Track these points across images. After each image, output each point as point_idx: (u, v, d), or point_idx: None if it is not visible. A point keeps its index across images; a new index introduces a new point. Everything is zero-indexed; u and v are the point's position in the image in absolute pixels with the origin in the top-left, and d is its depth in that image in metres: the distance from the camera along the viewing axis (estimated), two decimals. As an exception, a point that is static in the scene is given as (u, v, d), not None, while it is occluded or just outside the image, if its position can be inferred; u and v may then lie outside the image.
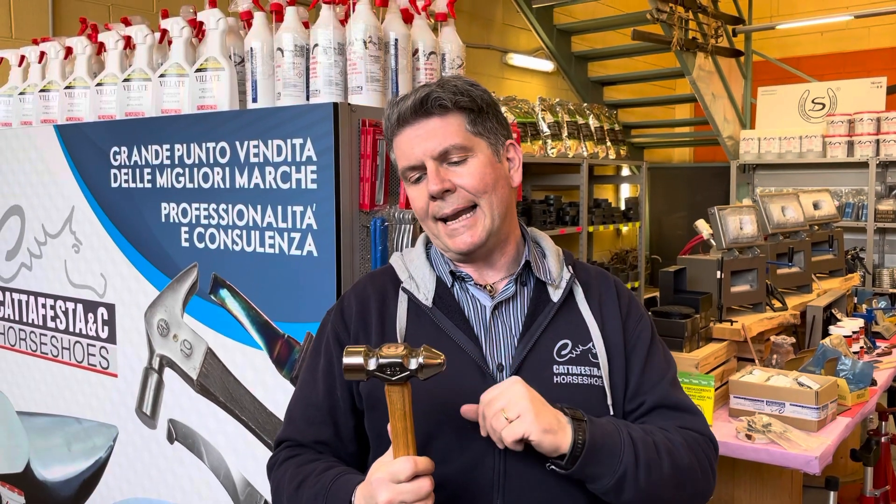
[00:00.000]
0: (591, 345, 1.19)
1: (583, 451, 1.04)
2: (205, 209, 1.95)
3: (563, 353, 1.17)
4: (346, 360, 1.02)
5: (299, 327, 1.78)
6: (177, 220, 2.02)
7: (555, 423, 1.03)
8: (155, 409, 2.13)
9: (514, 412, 1.03)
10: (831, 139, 6.05)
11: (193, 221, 1.98)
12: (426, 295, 1.21)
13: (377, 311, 1.23)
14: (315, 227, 1.74)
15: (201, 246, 1.97)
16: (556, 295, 1.21)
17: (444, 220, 1.17)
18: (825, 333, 3.50)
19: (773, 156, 6.30)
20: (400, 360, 1.01)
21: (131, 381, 2.19)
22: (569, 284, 1.22)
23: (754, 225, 3.49)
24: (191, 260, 2.00)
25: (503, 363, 1.17)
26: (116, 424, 2.25)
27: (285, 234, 1.79)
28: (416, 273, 1.24)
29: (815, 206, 4.38)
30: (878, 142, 5.87)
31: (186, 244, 2.00)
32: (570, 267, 1.26)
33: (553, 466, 1.08)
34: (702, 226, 3.56)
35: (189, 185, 1.98)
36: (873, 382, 3.10)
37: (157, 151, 2.03)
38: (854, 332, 3.57)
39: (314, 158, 1.71)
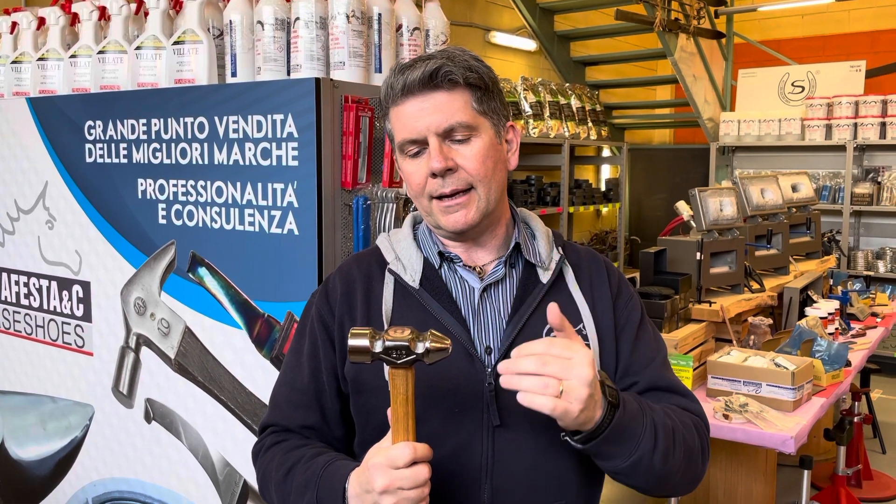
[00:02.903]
0: (581, 326, 1.18)
1: (603, 433, 1.01)
2: (183, 185, 1.91)
3: (553, 335, 1.16)
4: (352, 342, 1.00)
5: (280, 307, 1.76)
6: (154, 197, 1.98)
7: (591, 405, 0.99)
8: (132, 388, 2.10)
9: (572, 394, 0.96)
10: (810, 122, 6.08)
11: (171, 198, 1.94)
12: (413, 276, 1.19)
13: (363, 292, 1.21)
14: (296, 205, 1.71)
15: (179, 223, 1.93)
16: (545, 277, 1.20)
17: (439, 197, 1.15)
18: (801, 315, 3.53)
19: (753, 138, 6.33)
20: (406, 344, 0.99)
21: (107, 359, 2.15)
22: (558, 266, 1.21)
23: (734, 207, 3.51)
24: (168, 237, 1.96)
25: (491, 346, 1.15)
26: (92, 403, 2.22)
27: (265, 212, 1.76)
28: (402, 254, 1.22)
29: (794, 188, 4.41)
30: (855, 125, 5.92)
31: (164, 221, 1.96)
32: (559, 248, 1.24)
33: (567, 438, 1.04)
34: (682, 207, 3.58)
35: (166, 161, 1.94)
36: (848, 363, 3.14)
37: (133, 126, 1.99)
38: (830, 314, 3.61)
39: (295, 135, 1.68)
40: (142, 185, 1.99)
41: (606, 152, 7.07)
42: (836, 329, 3.67)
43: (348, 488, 1.03)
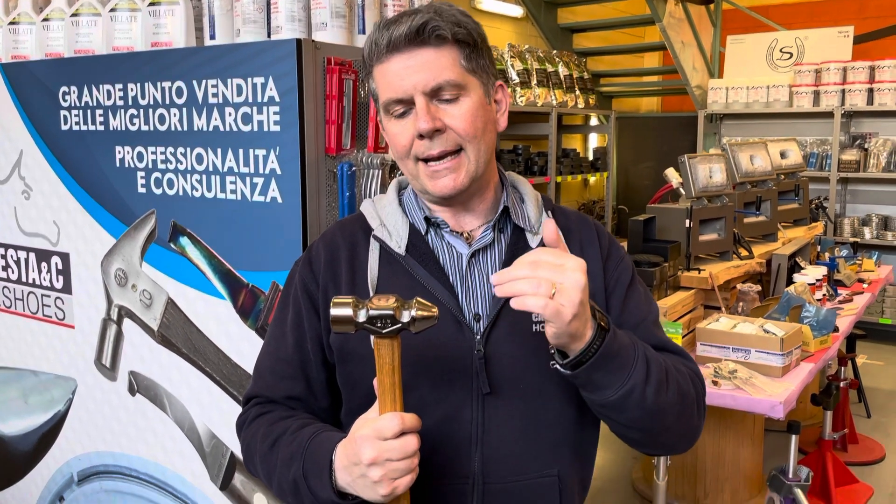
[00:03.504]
0: None
1: (593, 357, 0.98)
2: (161, 153, 1.86)
3: None
4: (334, 312, 0.96)
5: (264, 276, 1.72)
6: (132, 165, 1.92)
7: (583, 313, 0.96)
8: (115, 361, 2.06)
9: (565, 295, 0.93)
10: (798, 89, 6.05)
11: (150, 166, 1.89)
12: (399, 243, 1.15)
13: (347, 260, 1.17)
14: (279, 171, 1.66)
15: (159, 192, 1.88)
16: (534, 241, 1.16)
17: (426, 160, 1.10)
18: (789, 282, 3.54)
19: (741, 105, 6.30)
20: (391, 313, 0.95)
21: (89, 332, 2.11)
22: None
23: (724, 173, 3.49)
24: (148, 206, 1.91)
25: (480, 313, 1.12)
26: (75, 377, 2.18)
27: (247, 180, 1.72)
28: (388, 220, 1.18)
29: (783, 155, 4.40)
30: (843, 91, 5.89)
31: (143, 190, 1.91)
32: (548, 212, 1.21)
33: (557, 366, 1.01)
34: (671, 174, 3.55)
35: (144, 128, 1.88)
36: (835, 329, 3.15)
37: (109, 91, 1.92)
38: (817, 280, 3.62)
39: (277, 99, 1.63)
40: (119, 152, 1.94)
41: (594, 121, 7.02)
42: (824, 295, 3.68)
43: (335, 460, 1.00)
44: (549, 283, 0.93)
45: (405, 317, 0.95)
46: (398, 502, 0.98)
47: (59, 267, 2.15)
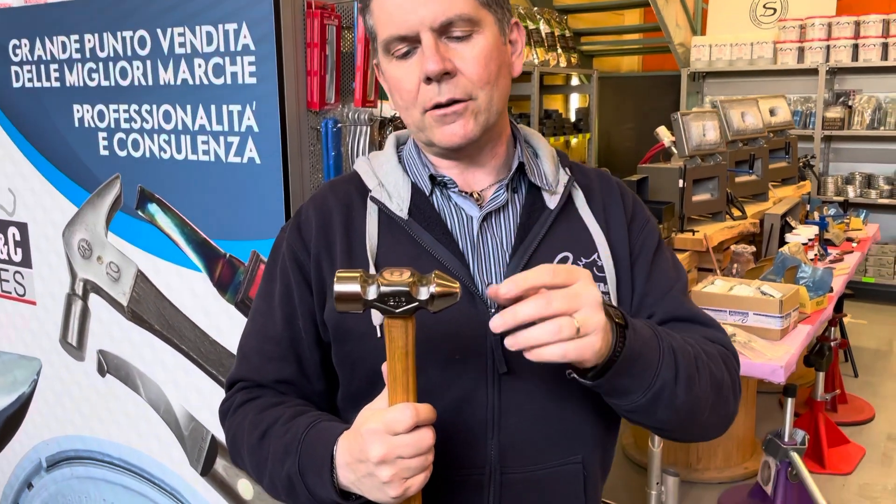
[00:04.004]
0: (595, 256, 1.02)
1: (617, 362, 0.84)
2: (125, 111, 1.69)
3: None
4: (339, 288, 0.81)
5: (243, 245, 1.57)
6: (93, 125, 1.75)
7: (608, 330, 0.83)
8: (81, 339, 1.91)
9: (590, 325, 0.79)
10: (782, 45, 5.94)
11: (112, 126, 1.72)
12: (400, 205, 1.01)
13: (342, 225, 1.02)
14: (256, 129, 1.50)
15: (123, 154, 1.71)
16: (552, 201, 1.03)
17: (433, 108, 0.95)
18: (781, 242, 3.46)
19: (724, 63, 6.17)
20: (406, 289, 0.80)
21: (52, 309, 1.95)
22: (567, 189, 1.04)
23: (717, 131, 3.37)
24: (112, 171, 1.74)
25: (494, 283, 0.98)
26: (39, 356, 2.02)
27: (221, 139, 1.56)
28: (386, 179, 1.03)
29: (772, 112, 4.29)
30: (828, 48, 5.79)
31: (106, 153, 1.74)
32: (566, 169, 1.07)
33: (574, 376, 0.88)
34: (663, 133, 3.42)
35: (105, 83, 1.70)
36: (830, 289, 3.08)
37: (64, 43, 1.74)
38: (810, 240, 3.55)
39: (251, 48, 1.46)
40: (78, 111, 1.76)
41: (575, 81, 6.86)
42: (815, 255, 3.61)
43: (336, 455, 0.87)
44: (569, 322, 0.79)
45: (423, 294, 0.80)
46: (409, 502, 0.85)
47: (17, 238, 1.98)
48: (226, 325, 1.63)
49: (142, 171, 1.69)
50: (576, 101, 7.18)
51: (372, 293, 0.80)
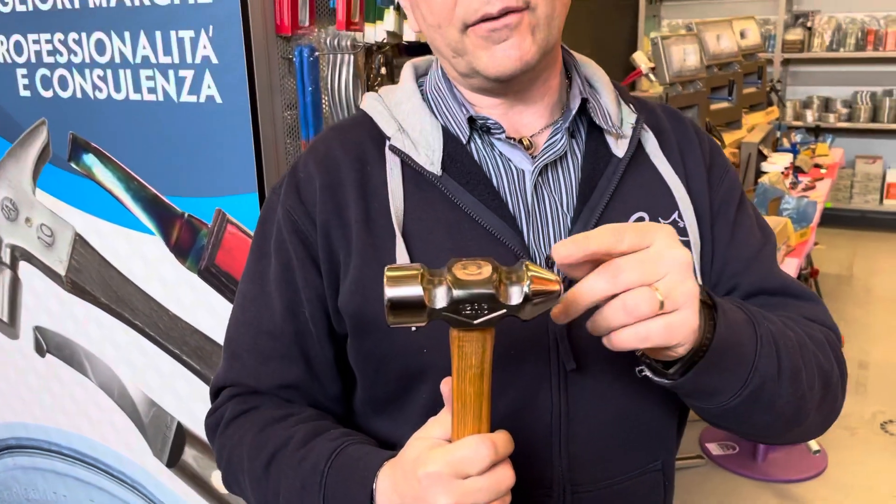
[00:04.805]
0: (675, 215, 0.81)
1: (704, 355, 0.64)
2: (47, 41, 1.38)
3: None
4: (394, 293, 0.57)
5: (205, 203, 1.31)
6: (9, 60, 1.44)
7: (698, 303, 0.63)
8: (13, 314, 1.64)
9: (678, 296, 0.59)
10: (743, -36, 5.73)
11: (33, 60, 1.41)
12: (430, 157, 0.77)
13: (356, 184, 0.78)
14: (214, 60, 1.23)
15: (48, 94, 1.42)
16: (619, 148, 0.80)
17: (480, 21, 0.71)
18: (757, 172, 3.34)
19: (684, -17, 5.94)
20: (491, 292, 0.57)
21: (-26, 280, 1.66)
22: (637, 131, 0.82)
23: (697, 55, 3.18)
24: (36, 115, 1.45)
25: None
26: (-37, 335, 1.74)
27: (171, 73, 1.28)
28: (409, 123, 0.79)
29: (742, 35, 4.11)
30: (791, -35, 5.61)
31: (27, 92, 1.44)
32: (630, 105, 0.85)
33: (648, 374, 0.68)
34: (640, 59, 3.21)
35: (20, 8, 1.39)
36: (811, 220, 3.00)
37: (-39, -43, 1.41)
38: (785, 169, 3.45)
39: (205, -42, 1.18)
40: (-13, 43, 1.44)
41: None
42: (790, 183, 3.52)
43: (377, 497, 0.66)
44: (648, 294, 0.58)
45: (514, 296, 0.57)
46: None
47: (-76, 198, 1.66)
48: (188, 296, 1.38)
49: (73, 115, 1.40)
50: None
51: (441, 299, 0.57)
